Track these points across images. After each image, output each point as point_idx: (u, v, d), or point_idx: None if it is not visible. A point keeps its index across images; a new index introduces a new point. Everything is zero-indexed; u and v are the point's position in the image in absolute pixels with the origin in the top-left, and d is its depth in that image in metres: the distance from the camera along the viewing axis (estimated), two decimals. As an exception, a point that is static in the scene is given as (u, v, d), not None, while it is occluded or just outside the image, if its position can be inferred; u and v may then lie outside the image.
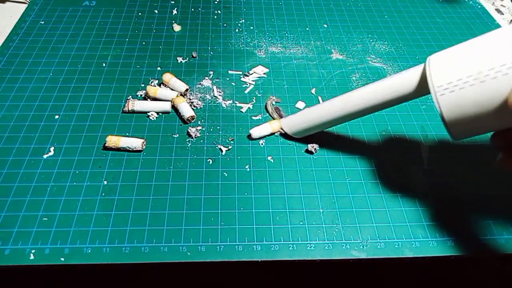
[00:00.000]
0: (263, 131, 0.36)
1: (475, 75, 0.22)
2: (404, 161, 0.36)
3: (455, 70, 0.23)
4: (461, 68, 0.22)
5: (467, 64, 0.22)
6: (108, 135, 0.35)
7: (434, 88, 0.24)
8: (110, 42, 0.46)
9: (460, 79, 0.22)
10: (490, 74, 0.21)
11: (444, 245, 0.30)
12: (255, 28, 0.50)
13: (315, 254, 0.29)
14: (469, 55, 0.23)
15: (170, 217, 0.31)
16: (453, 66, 0.23)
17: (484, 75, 0.21)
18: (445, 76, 0.23)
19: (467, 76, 0.22)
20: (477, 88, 0.22)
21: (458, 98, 0.22)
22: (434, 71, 0.24)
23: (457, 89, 0.22)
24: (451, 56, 0.24)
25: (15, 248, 0.28)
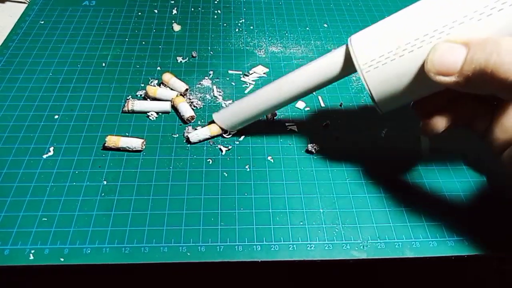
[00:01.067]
0: (201, 134, 0.35)
1: (395, 50, 0.24)
2: (404, 161, 0.36)
3: (376, 47, 0.25)
4: (382, 45, 0.24)
5: (387, 40, 0.24)
6: (108, 135, 0.35)
7: (359, 66, 0.25)
8: (109, 42, 0.46)
9: (382, 55, 0.24)
10: (407, 48, 0.23)
11: (444, 245, 0.30)
12: (255, 28, 0.50)
13: (315, 255, 0.29)
14: (388, 31, 0.24)
15: (170, 217, 0.31)
16: (374, 43, 0.25)
17: (402, 49, 0.23)
18: (368, 54, 0.25)
19: (388, 52, 0.24)
20: (398, 62, 0.24)
21: (382, 73, 0.25)
22: (358, 50, 0.26)
23: (380, 65, 0.24)
24: (372, 34, 0.25)
25: (14, 248, 0.28)
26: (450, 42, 0.22)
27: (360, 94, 0.42)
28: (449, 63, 0.21)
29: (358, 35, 0.26)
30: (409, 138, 0.38)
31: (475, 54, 0.20)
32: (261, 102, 0.32)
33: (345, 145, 0.37)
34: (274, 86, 0.32)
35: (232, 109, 0.35)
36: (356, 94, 0.42)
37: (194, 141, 0.35)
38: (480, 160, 0.35)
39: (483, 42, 0.20)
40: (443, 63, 0.21)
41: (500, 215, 0.32)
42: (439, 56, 0.22)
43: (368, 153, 0.36)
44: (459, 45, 0.21)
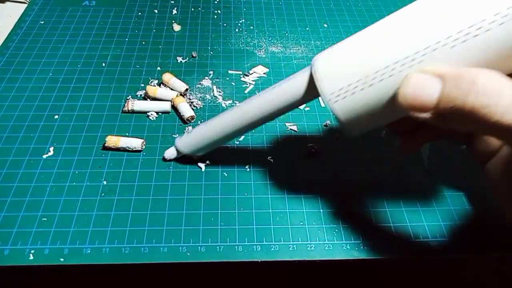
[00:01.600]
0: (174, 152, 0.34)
1: (363, 79, 0.22)
2: (405, 161, 0.36)
3: (343, 75, 0.22)
4: (349, 73, 0.22)
5: (354, 68, 0.22)
6: (108, 135, 0.35)
7: (325, 96, 0.23)
8: (109, 42, 0.46)
9: (350, 84, 0.22)
10: (376, 77, 0.21)
11: (444, 245, 0.30)
12: (255, 28, 0.50)
13: (315, 255, 0.29)
14: (355, 57, 0.22)
15: (170, 217, 0.31)
16: (341, 71, 0.23)
17: (371, 78, 0.21)
18: (335, 83, 0.23)
19: (356, 81, 0.22)
20: (367, 91, 0.22)
21: (351, 103, 0.23)
22: (323, 78, 0.23)
23: (349, 95, 0.22)
24: (337, 59, 0.23)
25: (14, 249, 0.28)
26: (423, 73, 0.20)
27: (360, 94, 0.42)
28: (423, 98, 0.19)
29: (322, 60, 0.24)
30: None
31: (450, 91, 0.18)
32: (225, 127, 0.30)
33: (345, 145, 0.37)
34: (238, 110, 0.30)
35: (195, 134, 0.32)
36: (356, 94, 0.42)
37: (168, 158, 0.34)
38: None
39: (458, 77, 0.18)
40: (416, 98, 0.19)
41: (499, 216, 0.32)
42: (411, 90, 0.20)
43: (368, 153, 0.36)
44: (433, 78, 0.19)
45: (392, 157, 0.36)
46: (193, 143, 0.33)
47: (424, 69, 0.20)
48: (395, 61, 0.21)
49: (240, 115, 0.30)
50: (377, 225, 0.31)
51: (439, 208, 0.32)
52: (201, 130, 0.32)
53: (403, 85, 0.20)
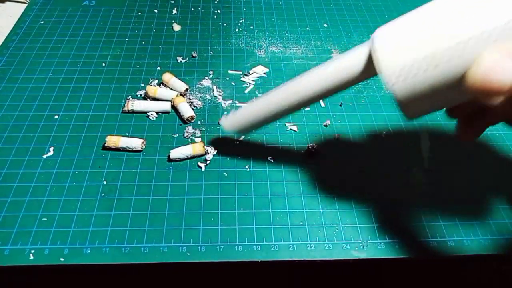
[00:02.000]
0: (184, 152, 0.34)
1: (428, 59, 0.19)
2: (405, 161, 0.36)
3: (405, 53, 0.20)
4: (413, 51, 0.20)
5: (418, 46, 0.20)
6: (108, 135, 0.35)
7: (385, 77, 0.21)
8: (109, 42, 0.46)
9: (412, 64, 0.20)
10: (444, 57, 0.19)
11: (444, 245, 0.30)
12: (255, 28, 0.50)
13: (315, 254, 0.29)
14: (420, 32, 0.20)
15: (170, 217, 0.31)
16: (403, 48, 0.20)
17: (438, 58, 0.19)
18: (396, 62, 0.21)
19: (419, 61, 0.20)
20: (432, 73, 0.20)
21: (413, 85, 0.21)
22: (383, 56, 0.21)
23: (410, 76, 0.20)
24: (400, 34, 0.21)
25: (14, 248, 0.28)
26: (498, 53, 0.17)
27: (360, 94, 0.42)
28: (495, 82, 0.17)
29: (383, 36, 0.22)
30: (409, 137, 0.38)
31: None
32: (276, 105, 0.29)
33: (345, 145, 0.37)
34: (289, 88, 0.28)
35: (243, 113, 0.31)
36: (356, 94, 0.42)
37: (174, 158, 0.34)
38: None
39: None
40: (488, 82, 0.17)
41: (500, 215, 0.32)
42: (483, 72, 0.17)
43: (368, 153, 0.36)
44: (509, 60, 0.17)
45: (392, 157, 0.36)
46: (241, 122, 0.31)
47: (499, 48, 0.18)
48: (468, 37, 0.18)
49: (291, 93, 0.28)
50: (376, 225, 0.31)
51: (440, 209, 0.32)
52: (249, 109, 0.31)
53: (475, 66, 0.18)
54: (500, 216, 0.32)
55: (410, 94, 0.21)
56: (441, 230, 0.31)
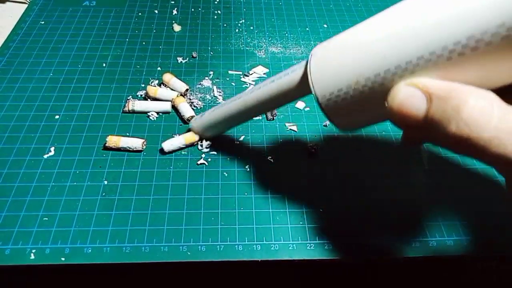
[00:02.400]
0: (175, 143, 0.35)
1: (354, 85, 0.21)
2: (404, 161, 0.36)
3: (333, 78, 0.22)
4: (339, 76, 0.22)
5: (345, 71, 0.22)
6: (108, 135, 0.35)
7: (318, 98, 0.23)
8: (110, 42, 0.46)
9: (340, 89, 0.22)
10: (367, 85, 0.21)
11: (444, 245, 0.30)
12: (255, 28, 0.50)
13: (315, 254, 0.29)
14: (346, 58, 0.22)
15: (170, 217, 0.31)
16: (332, 73, 0.22)
17: (361, 85, 0.21)
18: (326, 87, 0.23)
19: (346, 87, 0.22)
20: (357, 97, 0.21)
21: (342, 107, 0.22)
22: (315, 79, 0.23)
23: (339, 99, 0.22)
24: (330, 59, 0.23)
25: (15, 248, 0.29)
26: (411, 87, 0.19)
27: (360, 94, 0.42)
28: (409, 114, 0.18)
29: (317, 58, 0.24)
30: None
31: (434, 113, 0.17)
32: (229, 113, 0.32)
33: (345, 145, 0.37)
34: (241, 99, 0.31)
35: (206, 116, 0.34)
36: (356, 94, 0.42)
37: (168, 150, 0.35)
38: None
39: (444, 98, 0.17)
40: (402, 113, 0.19)
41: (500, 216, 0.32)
42: (398, 103, 0.19)
43: (367, 153, 0.36)
44: (420, 94, 0.18)
45: (392, 157, 0.36)
46: (202, 124, 0.35)
47: (413, 82, 0.19)
48: (385, 68, 0.20)
49: (242, 103, 0.31)
50: (377, 225, 0.31)
51: (440, 209, 0.32)
52: (211, 113, 0.34)
53: (391, 97, 0.19)
54: (500, 217, 0.32)
55: (339, 114, 0.23)
56: (441, 230, 0.31)
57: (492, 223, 0.32)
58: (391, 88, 0.19)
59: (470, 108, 0.16)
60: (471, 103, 0.16)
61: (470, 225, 0.31)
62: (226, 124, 0.34)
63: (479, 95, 0.17)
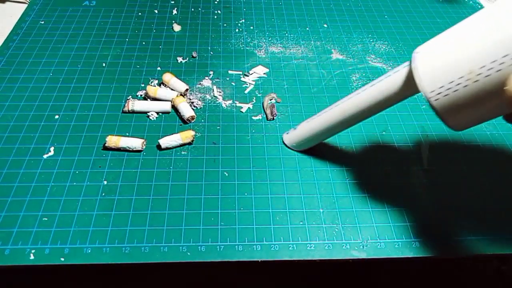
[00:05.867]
0: (172, 141, 0.35)
1: (467, 76, 0.21)
2: (404, 161, 0.36)
3: (444, 71, 0.22)
4: (451, 69, 0.21)
5: (457, 63, 0.21)
6: (108, 135, 0.35)
7: (426, 94, 0.23)
8: (110, 42, 0.46)
9: (452, 81, 0.21)
10: (482, 73, 0.20)
11: (444, 245, 0.30)
12: (255, 28, 0.50)
13: (315, 254, 0.29)
14: (456, 52, 0.21)
15: (170, 217, 0.31)
16: (442, 67, 0.22)
17: (476, 74, 0.20)
18: (436, 80, 0.22)
19: (458, 78, 0.21)
20: (471, 88, 0.21)
21: (453, 100, 0.22)
22: (423, 75, 0.22)
23: (451, 92, 0.21)
24: (438, 55, 0.22)
25: (15, 248, 0.28)
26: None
27: (360, 94, 0.42)
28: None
29: (422, 55, 0.23)
30: (409, 138, 0.38)
31: None
32: (326, 124, 0.31)
33: (345, 145, 0.37)
34: (338, 108, 0.30)
35: (299, 129, 0.34)
36: (356, 94, 0.42)
37: (164, 146, 0.35)
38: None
39: None
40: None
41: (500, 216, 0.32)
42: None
43: (367, 153, 0.36)
44: None
45: (392, 157, 0.36)
46: (297, 137, 0.35)
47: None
48: (504, 53, 0.19)
49: (340, 112, 0.30)
50: (376, 225, 0.31)
51: (440, 209, 0.32)
52: (305, 126, 0.34)
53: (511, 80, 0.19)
54: (500, 217, 0.32)
55: (451, 109, 0.22)
56: (441, 230, 0.31)
57: (492, 223, 0.32)
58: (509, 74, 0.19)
59: None
60: None
61: (470, 225, 0.31)
62: (323, 135, 0.33)
63: None
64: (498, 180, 0.35)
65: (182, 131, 0.36)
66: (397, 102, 0.27)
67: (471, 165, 0.36)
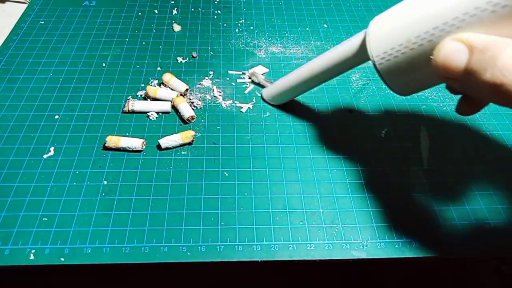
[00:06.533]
0: (172, 141, 0.35)
1: (405, 43, 0.23)
2: (404, 161, 0.36)
3: (388, 38, 0.24)
4: (393, 37, 0.24)
5: (398, 32, 0.23)
6: (108, 135, 0.35)
7: (373, 58, 0.25)
8: (110, 42, 0.46)
9: (393, 47, 0.24)
10: (417, 42, 0.22)
11: (444, 245, 0.30)
12: (255, 28, 0.50)
13: (315, 254, 0.29)
14: (399, 21, 0.24)
15: (170, 217, 0.31)
16: (387, 34, 0.24)
17: (412, 42, 0.23)
18: (381, 46, 0.25)
19: (398, 45, 0.23)
20: (408, 55, 0.23)
21: (394, 66, 0.24)
22: (372, 41, 0.25)
23: (392, 58, 0.24)
24: (386, 22, 0.25)
25: (15, 248, 0.28)
26: (456, 41, 0.20)
27: (360, 94, 0.42)
28: (452, 66, 0.20)
29: (375, 23, 0.26)
30: (409, 137, 0.38)
31: (474, 63, 0.19)
32: (296, 80, 0.35)
33: (345, 145, 0.37)
34: (306, 66, 0.33)
35: (275, 84, 0.38)
36: (356, 94, 0.42)
37: (164, 146, 0.35)
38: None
39: (484, 49, 0.19)
40: (446, 65, 0.20)
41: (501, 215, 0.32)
42: (443, 57, 0.20)
43: (368, 153, 0.36)
44: (463, 48, 0.20)
45: (392, 157, 0.36)
46: (272, 91, 0.39)
47: (458, 37, 0.20)
48: (434, 26, 0.21)
49: (308, 70, 0.33)
50: (376, 225, 0.31)
51: (440, 209, 0.32)
52: (280, 82, 0.37)
53: (437, 51, 0.21)
54: (500, 217, 0.32)
55: (393, 73, 0.25)
56: (441, 230, 0.31)
57: (492, 223, 0.32)
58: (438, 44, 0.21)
59: (505, 58, 0.18)
60: (507, 52, 0.18)
61: (469, 225, 0.31)
62: (295, 91, 0.36)
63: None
64: (498, 180, 0.35)
65: (182, 131, 0.36)
66: (356, 65, 0.30)
67: (471, 165, 0.36)
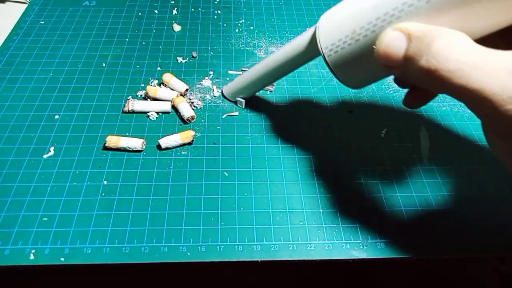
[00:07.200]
0: (172, 141, 0.35)
1: (351, 35, 0.23)
2: (404, 161, 0.36)
3: (335, 30, 0.24)
4: (340, 28, 0.24)
5: (345, 24, 0.24)
6: (108, 135, 0.35)
7: (322, 50, 0.26)
8: (110, 42, 0.46)
9: (340, 39, 0.24)
10: (361, 33, 0.23)
11: (444, 245, 0.30)
12: (255, 28, 0.50)
13: (315, 254, 0.29)
14: (346, 13, 0.24)
15: (170, 217, 0.31)
16: (334, 26, 0.25)
17: (357, 33, 0.23)
18: (329, 38, 0.25)
19: (345, 36, 0.24)
20: (354, 46, 0.24)
21: (342, 57, 0.25)
22: (321, 34, 0.26)
23: (339, 49, 0.24)
24: (333, 16, 0.25)
25: (15, 248, 0.28)
26: (395, 30, 0.20)
27: (360, 94, 0.42)
28: (393, 54, 0.20)
29: (325, 16, 0.26)
30: (409, 137, 0.38)
31: (412, 51, 0.19)
32: (254, 75, 0.35)
33: (345, 146, 0.37)
34: (263, 61, 0.34)
35: (234, 81, 0.38)
36: (356, 94, 0.42)
37: (164, 146, 0.35)
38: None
39: (421, 37, 0.19)
40: (388, 53, 0.21)
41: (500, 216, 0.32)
42: (384, 46, 0.21)
43: (368, 153, 0.36)
44: (402, 36, 0.20)
45: (391, 157, 0.36)
46: (232, 88, 0.39)
47: (397, 26, 0.21)
48: (376, 17, 0.22)
49: (264, 66, 0.34)
50: (376, 225, 0.31)
51: (440, 209, 0.32)
52: (239, 79, 0.38)
53: (378, 41, 0.21)
54: (500, 217, 0.32)
55: (341, 65, 0.25)
56: (441, 230, 0.31)
57: (492, 223, 0.32)
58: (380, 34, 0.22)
59: (438, 44, 0.18)
60: (441, 39, 0.18)
61: (470, 225, 0.31)
62: (253, 87, 0.36)
63: (450, 33, 0.19)
64: (498, 180, 0.35)
65: (182, 131, 0.36)
66: (310, 59, 0.30)
67: (471, 165, 0.36)
